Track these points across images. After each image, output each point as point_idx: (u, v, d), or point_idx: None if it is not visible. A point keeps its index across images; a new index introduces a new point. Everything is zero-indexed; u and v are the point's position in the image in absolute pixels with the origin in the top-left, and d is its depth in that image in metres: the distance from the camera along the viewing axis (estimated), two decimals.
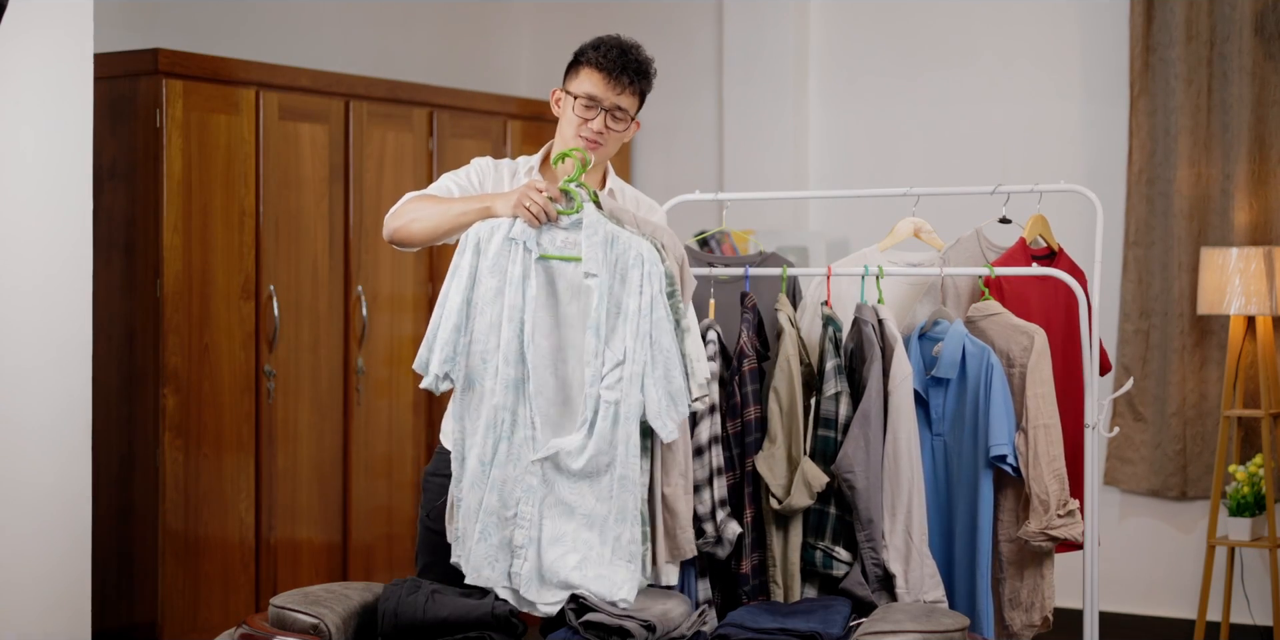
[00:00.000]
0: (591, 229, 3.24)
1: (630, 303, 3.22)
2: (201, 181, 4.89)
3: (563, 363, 3.27)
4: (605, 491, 3.25)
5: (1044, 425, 3.63)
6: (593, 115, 3.47)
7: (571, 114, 3.48)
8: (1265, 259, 5.23)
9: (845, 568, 3.62)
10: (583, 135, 3.48)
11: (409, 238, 3.39)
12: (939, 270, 3.82)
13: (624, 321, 3.22)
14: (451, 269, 3.25)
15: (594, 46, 3.49)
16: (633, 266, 3.23)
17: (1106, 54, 5.90)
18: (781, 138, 6.40)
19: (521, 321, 3.22)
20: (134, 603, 4.82)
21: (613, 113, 3.48)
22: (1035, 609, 3.71)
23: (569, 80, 3.52)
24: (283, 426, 5.10)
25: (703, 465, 3.64)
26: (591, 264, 3.22)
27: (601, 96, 3.46)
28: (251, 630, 3.23)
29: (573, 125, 3.48)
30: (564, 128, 3.52)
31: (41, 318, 4.27)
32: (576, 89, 3.48)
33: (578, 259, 3.25)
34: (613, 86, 3.46)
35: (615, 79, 3.46)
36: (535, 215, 3.23)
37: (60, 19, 4.29)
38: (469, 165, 3.58)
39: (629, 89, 3.48)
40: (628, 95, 3.49)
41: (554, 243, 3.26)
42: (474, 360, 3.23)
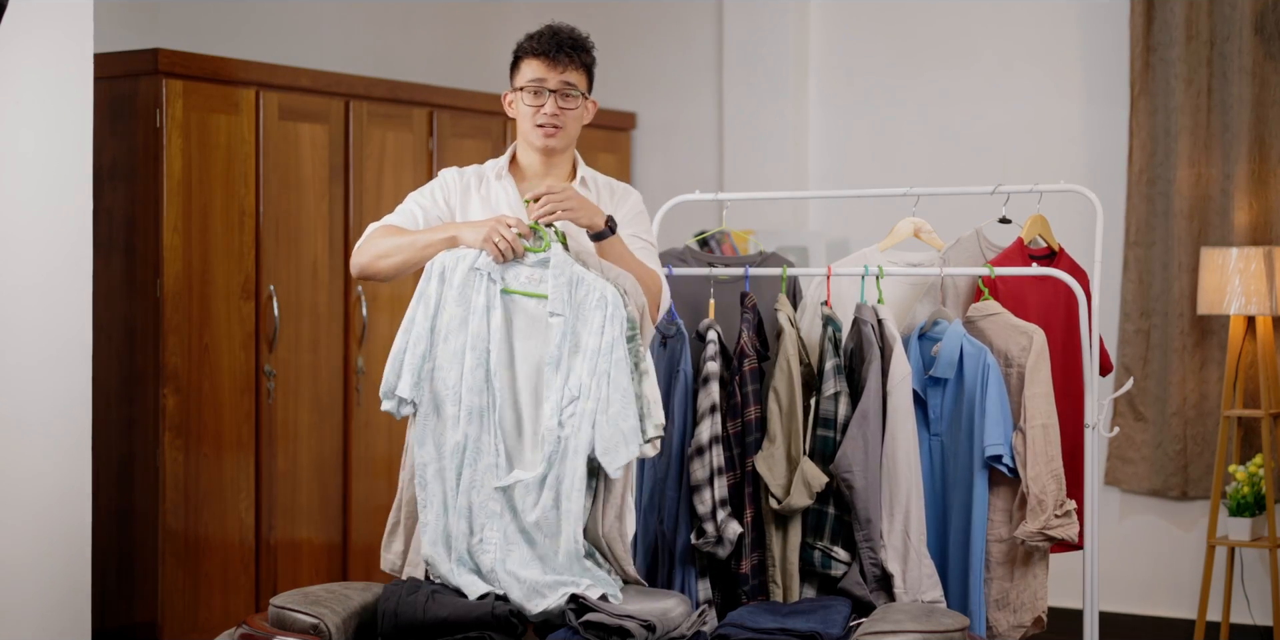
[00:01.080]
0: (558, 269, 3.29)
1: (590, 342, 3.27)
2: (201, 181, 4.89)
3: (516, 395, 3.33)
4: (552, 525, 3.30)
5: (1042, 425, 3.63)
6: (543, 100, 3.50)
7: (524, 106, 3.52)
8: (1265, 259, 5.23)
9: (844, 568, 3.62)
10: (540, 123, 3.51)
11: (377, 274, 3.43)
12: (939, 270, 3.82)
13: (582, 359, 3.27)
14: (417, 295, 3.30)
15: (526, 39, 3.58)
16: (595, 308, 3.29)
17: (1106, 54, 5.90)
18: (781, 138, 6.40)
19: (486, 351, 3.28)
20: (134, 603, 4.82)
21: (562, 92, 3.51)
22: (1025, 610, 3.70)
23: (513, 77, 3.58)
24: (283, 426, 5.10)
25: (703, 465, 3.64)
26: (556, 303, 3.28)
27: (545, 77, 3.51)
28: (251, 630, 3.23)
29: (529, 117, 3.52)
30: (522, 124, 3.55)
31: (41, 317, 4.27)
32: (521, 80, 3.54)
33: (542, 296, 3.29)
34: (554, 66, 3.52)
35: (554, 58, 3.52)
36: (503, 251, 3.29)
37: (60, 19, 4.29)
38: (435, 179, 3.59)
39: (571, 65, 3.53)
40: (571, 71, 3.53)
41: (518, 278, 3.31)
42: (438, 386, 3.28)
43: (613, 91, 6.75)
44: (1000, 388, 3.64)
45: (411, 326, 3.27)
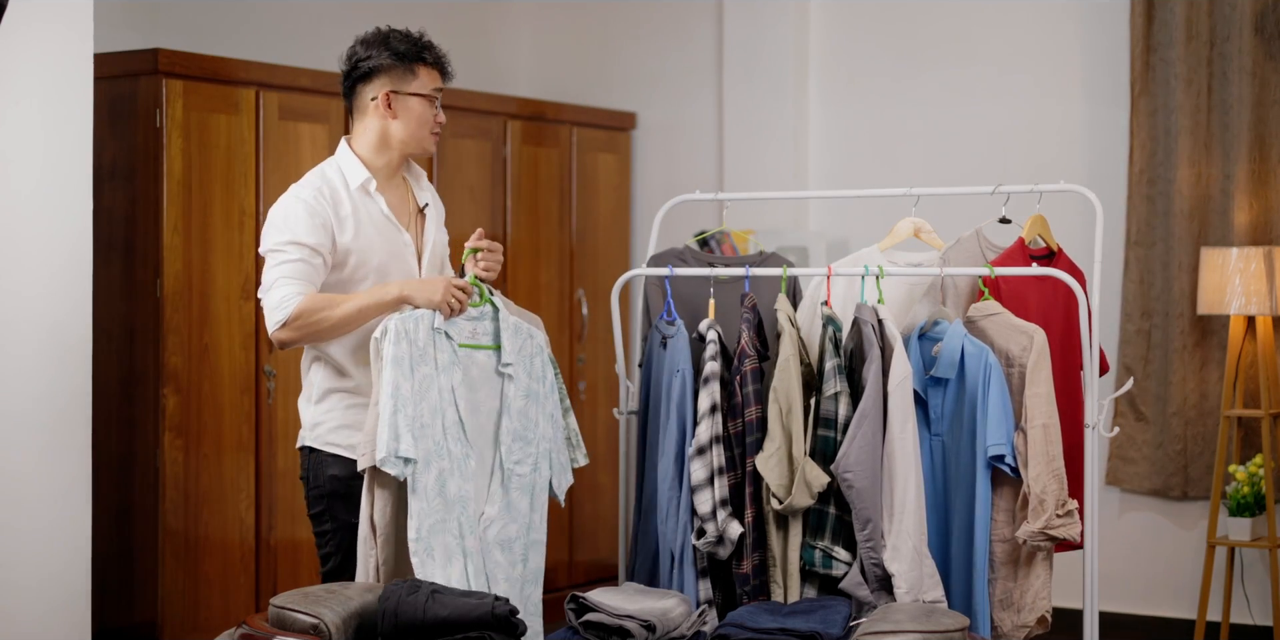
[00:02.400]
0: (505, 322, 3.55)
1: (538, 388, 3.58)
2: (201, 181, 4.89)
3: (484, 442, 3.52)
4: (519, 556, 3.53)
5: (1043, 425, 3.63)
6: (436, 109, 3.65)
7: (421, 112, 3.61)
8: (1265, 259, 5.23)
9: (845, 568, 3.62)
10: (435, 132, 3.67)
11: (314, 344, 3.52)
12: (939, 270, 3.82)
13: (538, 406, 3.58)
14: (390, 359, 3.37)
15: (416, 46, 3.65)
16: (535, 354, 3.60)
17: (1106, 54, 5.90)
18: (781, 138, 6.40)
19: (456, 404, 3.45)
20: (134, 603, 4.82)
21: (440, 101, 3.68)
22: (1028, 610, 3.70)
23: (402, 82, 3.62)
24: (283, 426, 5.10)
25: (704, 465, 3.64)
26: (509, 354, 3.52)
27: (440, 87, 3.68)
28: (251, 630, 3.23)
29: (424, 123, 3.63)
30: (413, 129, 3.62)
31: (42, 318, 4.27)
32: (420, 87, 3.62)
33: (490, 347, 3.53)
34: (444, 77, 3.70)
35: (445, 71, 3.71)
36: (455, 311, 3.46)
37: (60, 19, 4.29)
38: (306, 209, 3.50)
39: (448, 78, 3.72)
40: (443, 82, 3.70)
41: (462, 332, 3.51)
42: (425, 443, 3.40)
43: (613, 91, 6.76)
44: (1002, 388, 3.64)
45: (396, 390, 3.35)
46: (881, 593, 3.60)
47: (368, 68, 3.61)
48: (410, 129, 3.61)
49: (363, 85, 3.64)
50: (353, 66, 3.65)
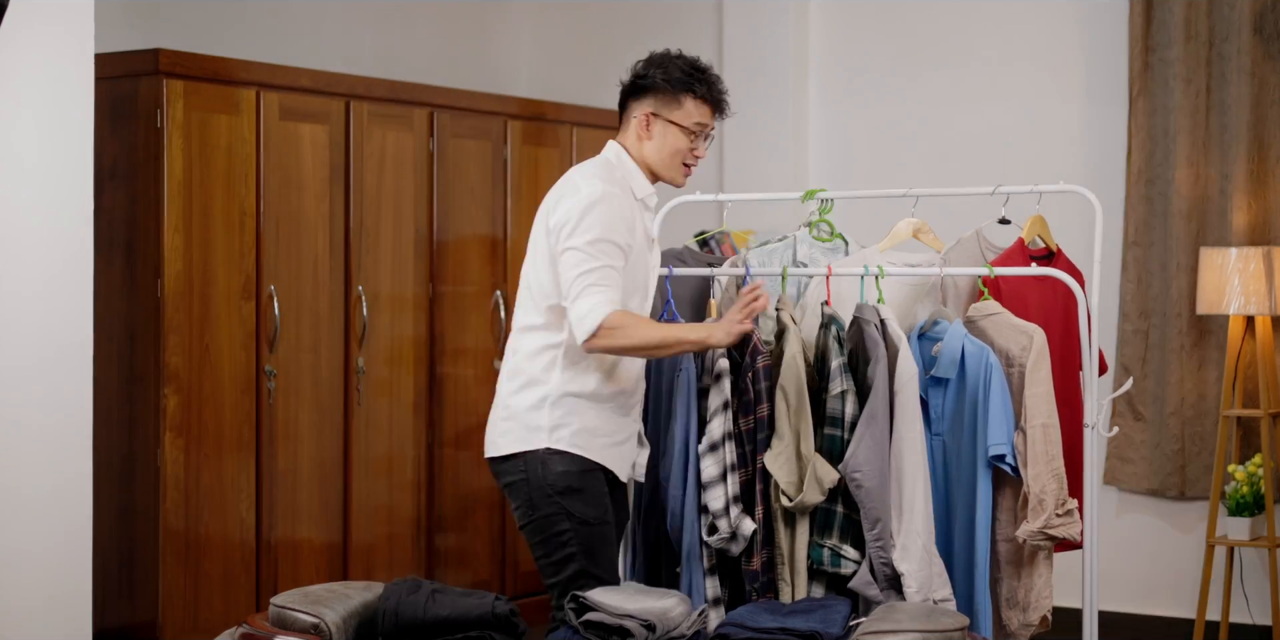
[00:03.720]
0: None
1: None
2: (202, 182, 4.89)
3: None
4: None
5: (1042, 424, 3.63)
6: (698, 143, 3.62)
7: (680, 142, 3.59)
8: (1264, 259, 5.23)
9: (853, 566, 3.62)
10: (688, 163, 3.63)
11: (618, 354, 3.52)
12: (938, 270, 3.83)
13: None
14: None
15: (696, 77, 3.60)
16: None
17: (1106, 54, 5.90)
18: (781, 138, 6.40)
19: None
20: (134, 603, 4.83)
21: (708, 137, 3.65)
22: (1033, 609, 3.71)
23: (667, 108, 3.59)
24: (283, 426, 5.11)
25: (716, 462, 3.65)
26: None
27: (709, 124, 3.63)
28: (252, 630, 3.24)
29: (679, 154, 3.60)
30: (667, 156, 3.60)
31: (42, 318, 4.27)
32: (686, 120, 3.59)
33: None
34: (716, 114, 3.65)
35: (721, 110, 3.65)
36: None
37: (61, 19, 4.29)
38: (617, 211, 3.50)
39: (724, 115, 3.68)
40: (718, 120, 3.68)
41: None
42: None
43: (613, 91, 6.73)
44: (1003, 387, 3.64)
45: None
46: (891, 592, 3.61)
47: (642, 84, 3.62)
48: (660, 155, 3.60)
49: (634, 100, 3.64)
50: (631, 80, 3.65)
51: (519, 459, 3.52)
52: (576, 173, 3.61)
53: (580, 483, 3.50)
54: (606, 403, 3.54)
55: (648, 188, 3.61)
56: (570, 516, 3.49)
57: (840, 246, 4.08)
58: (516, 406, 3.55)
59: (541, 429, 3.51)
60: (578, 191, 3.50)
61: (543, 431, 3.51)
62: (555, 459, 3.49)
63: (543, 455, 3.50)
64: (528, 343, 3.57)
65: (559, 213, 3.50)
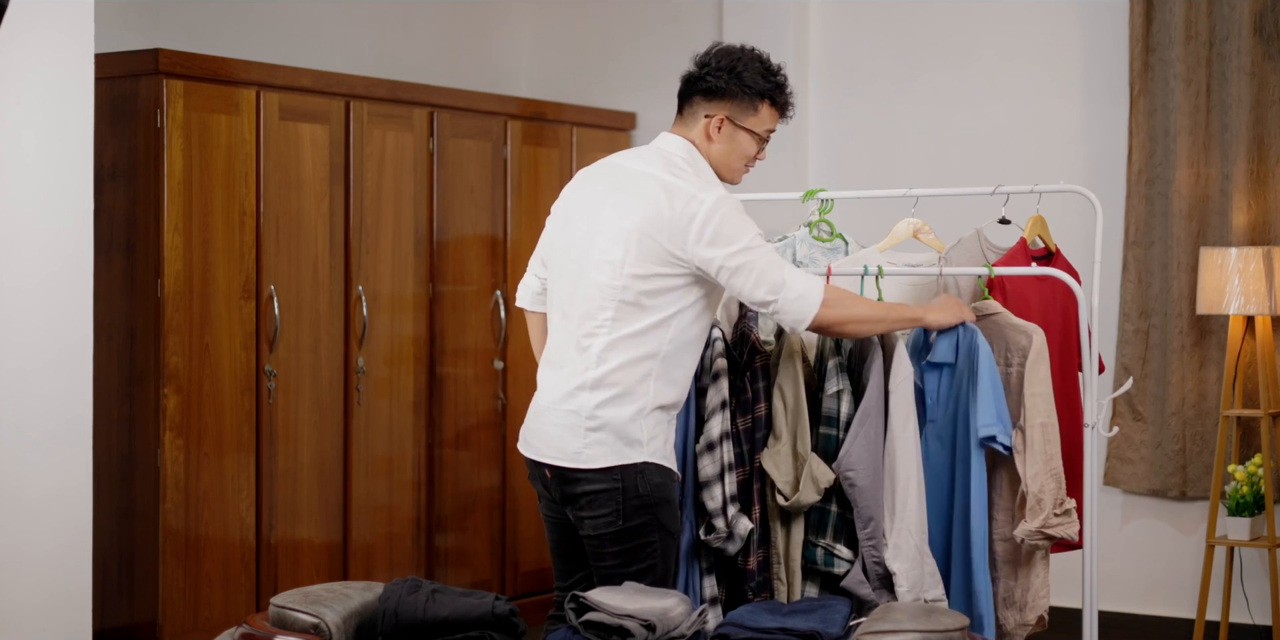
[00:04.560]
0: None
1: None
2: (202, 181, 4.89)
3: None
4: None
5: (1041, 424, 3.63)
6: (761, 147, 3.60)
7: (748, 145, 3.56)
8: (1264, 259, 5.23)
9: (846, 565, 3.63)
10: (750, 167, 3.62)
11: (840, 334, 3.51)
12: (938, 270, 3.83)
13: None
14: None
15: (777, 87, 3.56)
16: None
17: (1106, 54, 5.91)
18: (781, 138, 6.37)
19: None
20: (134, 603, 4.83)
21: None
22: (1029, 608, 3.71)
23: (742, 113, 3.54)
24: (283, 426, 5.11)
25: (714, 461, 3.65)
26: None
27: (775, 129, 3.62)
28: (252, 630, 3.24)
29: (744, 157, 3.58)
30: (733, 159, 3.57)
31: (42, 317, 4.27)
32: (758, 125, 3.56)
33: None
34: (782, 120, 3.63)
35: (787, 116, 3.63)
36: None
37: (61, 19, 4.29)
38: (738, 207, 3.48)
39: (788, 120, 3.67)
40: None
41: None
42: None
43: (613, 91, 6.76)
44: (991, 368, 3.61)
45: None
46: (883, 591, 3.61)
47: (716, 86, 3.52)
48: (727, 158, 3.56)
49: (704, 99, 3.54)
50: (701, 76, 3.55)
51: (615, 470, 3.44)
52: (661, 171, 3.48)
53: (671, 494, 3.47)
54: (673, 412, 3.52)
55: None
56: (661, 528, 3.45)
57: (840, 246, 4.08)
58: (611, 418, 3.42)
59: (640, 443, 3.43)
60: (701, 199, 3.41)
61: (641, 445, 3.43)
62: (652, 470, 3.44)
63: (640, 467, 3.44)
64: (624, 352, 3.43)
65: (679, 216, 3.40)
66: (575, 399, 3.44)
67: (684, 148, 3.53)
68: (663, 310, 3.41)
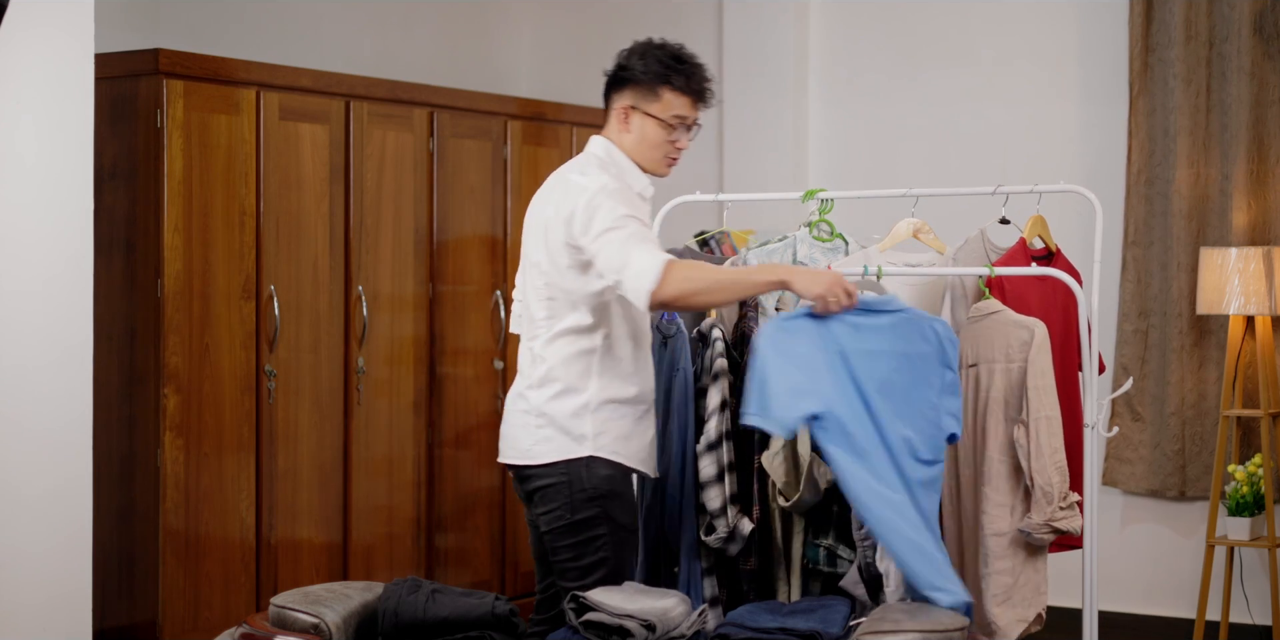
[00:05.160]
0: None
1: None
2: (202, 181, 4.89)
3: None
4: None
5: (1046, 417, 3.63)
6: (679, 136, 3.59)
7: (659, 135, 3.57)
8: (1264, 259, 5.23)
9: (849, 566, 3.63)
10: (672, 155, 3.61)
11: (689, 307, 3.41)
12: (937, 270, 3.83)
13: None
14: None
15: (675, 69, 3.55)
16: None
17: (1106, 54, 5.91)
18: (781, 138, 6.40)
19: None
20: (134, 603, 4.83)
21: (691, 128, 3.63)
22: (1028, 605, 3.70)
23: (644, 100, 3.56)
24: (283, 426, 5.11)
25: (714, 461, 3.65)
26: None
27: (689, 115, 3.60)
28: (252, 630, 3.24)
29: (659, 146, 3.57)
30: (647, 149, 3.58)
31: (42, 318, 4.27)
32: (663, 112, 3.56)
33: None
34: (696, 106, 3.61)
35: (703, 100, 3.61)
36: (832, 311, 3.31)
37: (61, 19, 4.29)
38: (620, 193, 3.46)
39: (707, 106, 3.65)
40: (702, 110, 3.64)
41: None
42: None
43: None
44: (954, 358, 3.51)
45: None
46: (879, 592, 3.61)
47: (621, 77, 3.58)
48: (639, 147, 3.58)
49: (615, 92, 3.60)
50: (613, 71, 3.61)
51: (559, 465, 3.49)
52: (569, 171, 3.57)
53: (621, 487, 3.50)
54: (638, 404, 3.54)
55: (644, 181, 3.60)
56: (609, 520, 3.48)
57: (840, 246, 4.08)
58: (555, 414, 3.50)
59: (585, 437, 3.48)
60: (584, 188, 3.45)
61: (587, 439, 3.48)
62: (598, 464, 3.48)
63: (586, 461, 3.48)
64: (560, 349, 3.51)
65: (566, 209, 3.44)
66: (525, 398, 3.54)
67: (602, 146, 3.61)
68: (588, 304, 3.48)
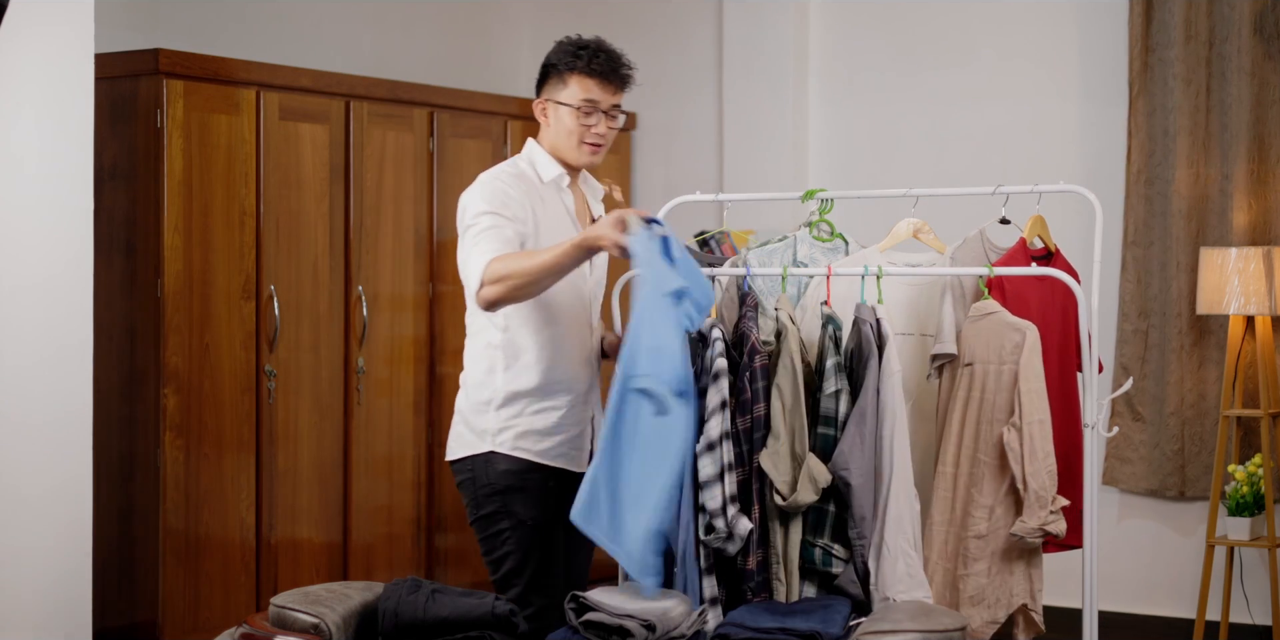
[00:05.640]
0: None
1: None
2: (202, 181, 4.89)
3: None
4: None
5: (1038, 421, 3.64)
6: (594, 121, 3.57)
7: (572, 123, 3.56)
8: (1264, 259, 5.23)
9: (844, 565, 3.63)
10: (588, 141, 3.58)
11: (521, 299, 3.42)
12: (938, 270, 3.83)
13: None
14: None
15: (574, 54, 3.58)
16: None
17: (1105, 54, 5.91)
18: (781, 138, 6.40)
19: None
20: (134, 603, 4.83)
21: (610, 113, 3.61)
22: (999, 606, 3.70)
23: (554, 89, 3.59)
24: (283, 426, 5.11)
25: (714, 461, 3.64)
26: None
27: (598, 99, 3.58)
28: (252, 630, 3.24)
29: (575, 134, 3.57)
30: (563, 138, 3.59)
31: (42, 318, 4.27)
32: (570, 98, 3.57)
33: None
34: (606, 88, 3.59)
35: (608, 81, 3.59)
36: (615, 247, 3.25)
37: (61, 19, 4.30)
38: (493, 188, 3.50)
39: (622, 87, 3.63)
40: (620, 93, 3.64)
41: None
42: None
43: None
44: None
45: None
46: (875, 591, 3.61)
47: (540, 77, 3.63)
48: (558, 138, 3.59)
49: (539, 89, 3.65)
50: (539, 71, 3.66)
51: (467, 461, 3.58)
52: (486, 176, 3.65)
53: (521, 482, 3.53)
54: (554, 396, 3.56)
55: (555, 169, 3.59)
56: (511, 515, 3.53)
57: (840, 246, 4.08)
58: (465, 410, 3.60)
59: (487, 433, 3.56)
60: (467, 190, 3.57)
61: (489, 435, 3.55)
62: (499, 459, 3.54)
63: (486, 457, 3.56)
64: (471, 347, 3.63)
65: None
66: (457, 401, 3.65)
67: (528, 147, 3.65)
68: None
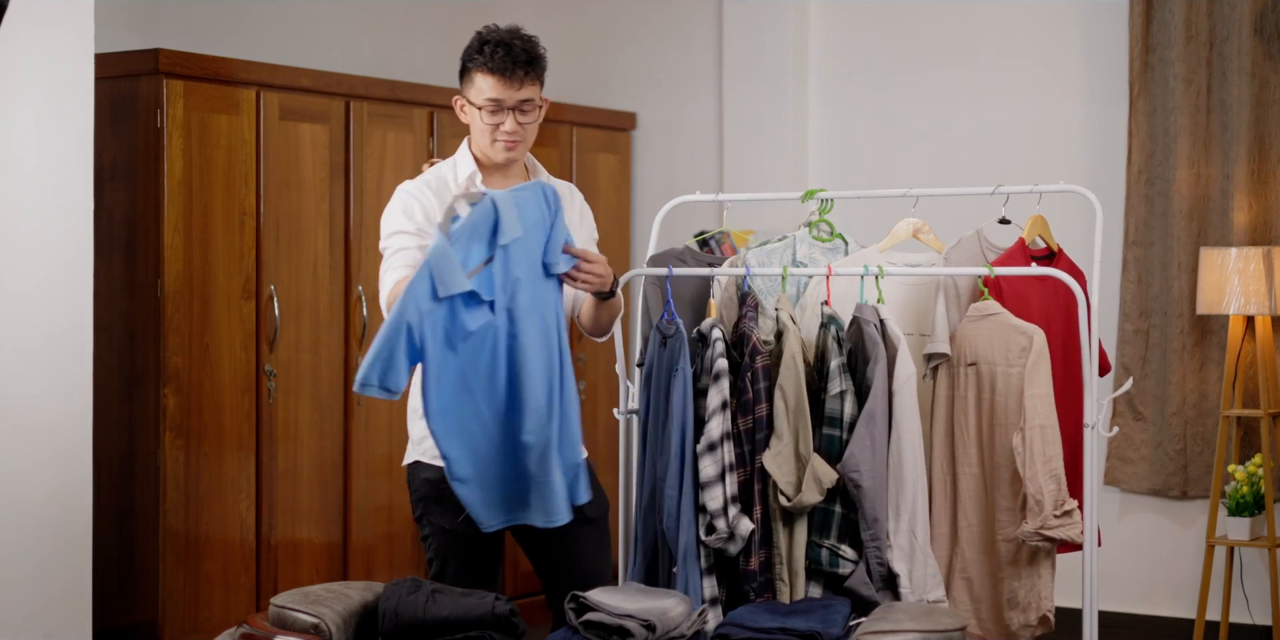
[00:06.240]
0: None
1: None
2: (202, 181, 4.89)
3: None
4: None
5: (1041, 426, 3.63)
6: (501, 118, 3.49)
7: (481, 122, 3.51)
8: (1264, 259, 5.23)
9: (851, 566, 3.63)
10: (500, 139, 3.52)
11: None
12: (937, 270, 3.83)
13: None
14: None
15: (478, 50, 3.50)
16: None
17: (1106, 54, 5.91)
18: (781, 138, 6.40)
19: None
20: (134, 603, 4.83)
21: (519, 108, 3.50)
22: (1033, 609, 3.71)
23: (465, 88, 3.56)
24: (283, 426, 5.11)
25: (715, 461, 3.64)
26: None
27: (502, 97, 3.48)
28: (252, 630, 3.24)
29: (486, 133, 3.52)
30: (479, 136, 3.55)
31: (42, 317, 4.27)
32: (476, 97, 3.51)
33: None
34: (509, 84, 3.47)
35: (509, 78, 3.47)
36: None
37: (61, 19, 4.30)
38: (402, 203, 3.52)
39: (526, 81, 3.48)
40: (527, 87, 3.49)
41: None
42: None
43: (613, 91, 6.76)
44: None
45: None
46: (886, 592, 3.61)
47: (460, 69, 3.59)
48: (475, 136, 3.57)
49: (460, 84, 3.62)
50: None
51: (406, 469, 3.67)
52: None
53: (438, 491, 3.53)
54: None
55: (467, 168, 3.56)
56: (430, 523, 3.59)
57: (840, 246, 4.08)
58: (408, 420, 3.67)
59: (415, 442, 3.62)
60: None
61: (415, 444, 3.62)
62: (423, 467, 3.59)
63: (413, 466, 3.63)
64: None
65: None
66: None
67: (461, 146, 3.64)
68: None
